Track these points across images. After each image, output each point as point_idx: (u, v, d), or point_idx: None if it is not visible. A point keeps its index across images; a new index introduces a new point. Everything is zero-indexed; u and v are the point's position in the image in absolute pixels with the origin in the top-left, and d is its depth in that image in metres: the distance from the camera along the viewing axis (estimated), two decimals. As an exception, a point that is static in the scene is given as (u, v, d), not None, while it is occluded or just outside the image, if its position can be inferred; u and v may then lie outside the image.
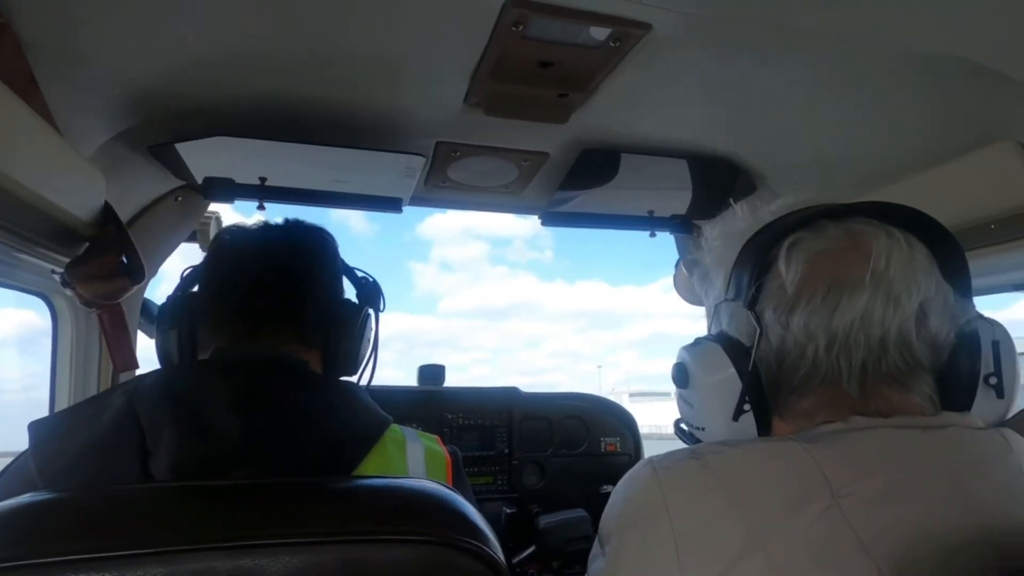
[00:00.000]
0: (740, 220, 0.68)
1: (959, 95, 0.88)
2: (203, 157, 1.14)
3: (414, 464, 0.75)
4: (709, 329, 0.69)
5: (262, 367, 0.70)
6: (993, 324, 0.61)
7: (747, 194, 1.31)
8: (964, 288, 0.61)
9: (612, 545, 0.60)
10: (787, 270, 0.58)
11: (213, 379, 0.68)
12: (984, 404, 0.59)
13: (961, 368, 0.59)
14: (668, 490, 0.56)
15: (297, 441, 0.66)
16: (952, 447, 0.54)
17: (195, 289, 0.83)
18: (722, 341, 0.62)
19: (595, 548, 0.64)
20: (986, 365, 0.59)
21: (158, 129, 1.05)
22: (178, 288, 0.84)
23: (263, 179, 1.23)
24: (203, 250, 1.38)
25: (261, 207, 1.25)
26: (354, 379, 0.88)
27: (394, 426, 0.77)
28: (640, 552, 0.55)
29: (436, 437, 0.82)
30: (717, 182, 1.31)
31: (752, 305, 0.60)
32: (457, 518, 0.55)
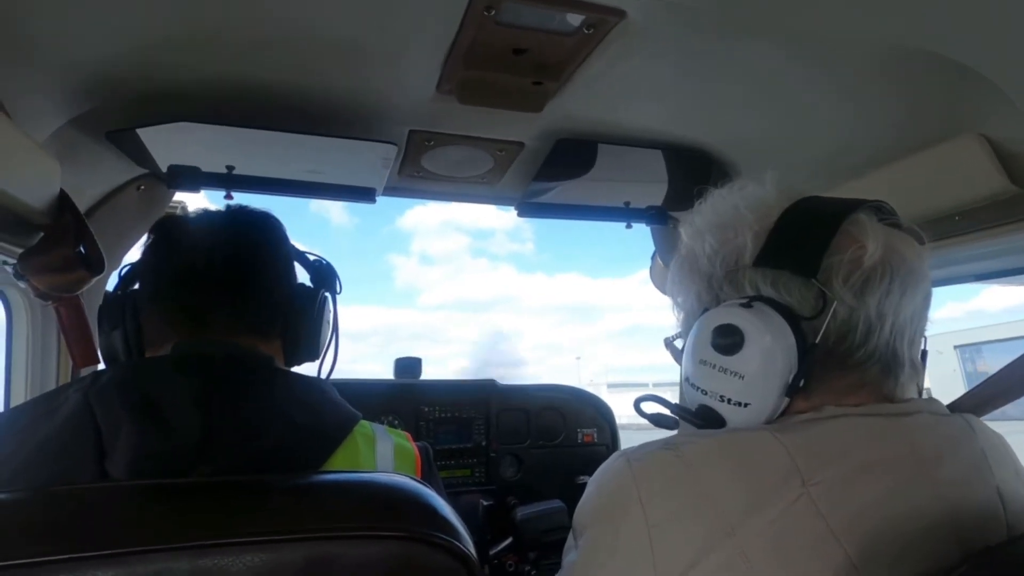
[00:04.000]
0: (765, 190, 0.65)
1: (928, 88, 0.89)
2: (166, 144, 1.10)
3: (383, 461, 0.74)
4: (710, 294, 0.65)
5: (226, 363, 0.68)
6: None
7: (721, 185, 1.32)
8: None
9: (586, 537, 0.59)
10: (871, 244, 0.56)
11: (174, 375, 0.66)
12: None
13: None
14: (641, 481, 0.55)
15: (261, 439, 0.64)
16: (919, 432, 0.55)
17: (136, 285, 0.80)
18: (775, 307, 0.57)
19: (569, 540, 0.64)
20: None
21: (117, 114, 1.00)
22: (117, 286, 0.80)
23: (230, 168, 1.19)
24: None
25: (228, 197, 1.21)
26: (315, 365, 0.86)
27: (363, 422, 0.75)
28: (613, 544, 0.55)
29: (407, 434, 0.81)
30: (692, 173, 1.31)
31: (812, 274, 0.56)
32: (428, 513, 0.54)
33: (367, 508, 0.53)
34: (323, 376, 0.86)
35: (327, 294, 0.86)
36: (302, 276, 0.88)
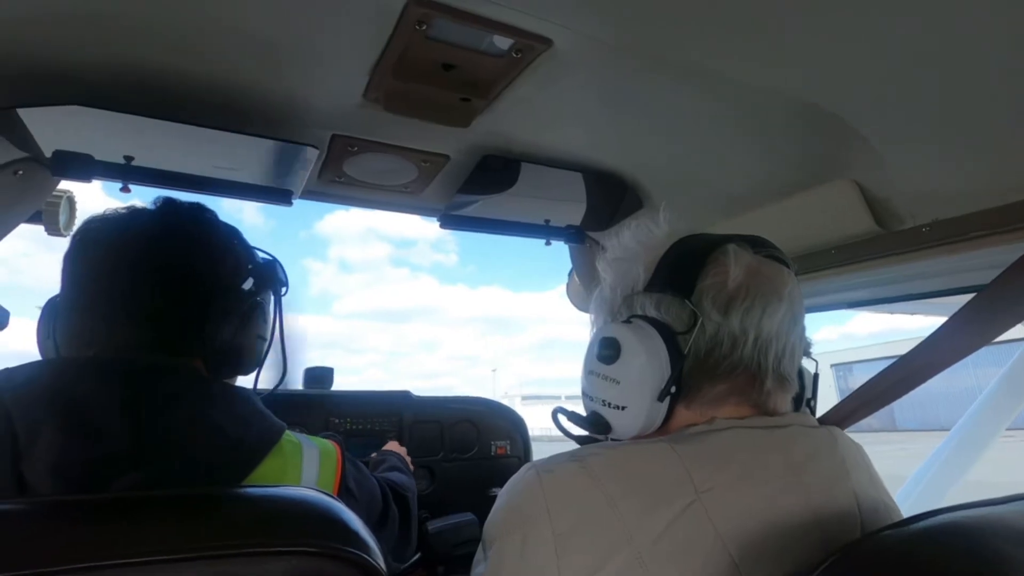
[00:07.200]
0: (659, 227, 0.73)
1: (812, 136, 1.00)
2: (53, 128, 1.00)
3: (309, 465, 0.74)
4: (612, 317, 0.72)
5: (153, 371, 0.67)
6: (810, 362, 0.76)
7: (634, 210, 1.40)
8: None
9: (495, 549, 0.60)
10: (733, 269, 0.64)
11: (101, 380, 0.64)
12: None
13: (801, 388, 0.71)
14: (550, 493, 0.57)
15: (191, 449, 0.64)
16: (792, 443, 0.61)
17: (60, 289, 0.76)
18: (653, 324, 0.64)
19: (478, 553, 0.65)
20: (807, 389, 0.73)
21: (-6, 90, 0.90)
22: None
23: (129, 158, 1.10)
24: (49, 232, 1.20)
25: (125, 189, 1.11)
26: (251, 377, 0.83)
27: (288, 432, 0.75)
28: (520, 555, 0.56)
29: (325, 439, 0.82)
30: (609, 197, 1.38)
31: (688, 296, 0.64)
32: (336, 526, 0.52)
33: (270, 523, 0.51)
34: (260, 387, 0.84)
35: (259, 300, 0.80)
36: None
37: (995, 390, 2.16)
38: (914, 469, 2.23)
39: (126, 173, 1.11)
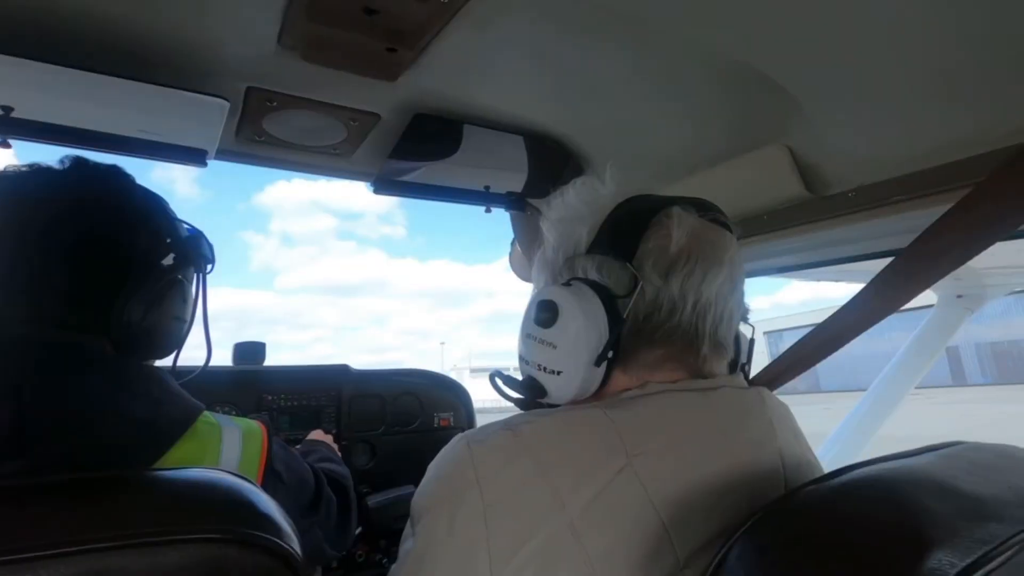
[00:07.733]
0: (604, 187, 0.71)
1: (748, 101, 1.00)
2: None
3: (230, 449, 0.69)
4: (553, 279, 0.70)
5: (42, 349, 0.61)
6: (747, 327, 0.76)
7: (575, 176, 1.37)
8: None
9: (423, 523, 0.58)
10: (676, 232, 0.62)
11: None
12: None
13: (737, 353, 0.71)
14: (480, 463, 0.55)
15: (87, 432, 0.58)
16: (722, 404, 0.61)
17: None
18: (593, 287, 0.62)
19: (406, 529, 0.62)
20: (743, 355, 0.73)
21: None
22: None
23: (7, 109, 0.96)
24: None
25: (5, 144, 0.98)
26: (168, 361, 0.77)
27: (207, 413, 0.70)
28: (449, 528, 0.54)
29: (251, 420, 0.77)
30: (550, 162, 1.34)
31: (629, 259, 0.62)
32: (242, 510, 0.48)
33: (165, 510, 0.46)
34: (177, 366, 0.78)
35: (179, 277, 0.73)
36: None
37: (905, 353, 2.33)
38: (836, 426, 2.39)
39: (5, 126, 0.98)
